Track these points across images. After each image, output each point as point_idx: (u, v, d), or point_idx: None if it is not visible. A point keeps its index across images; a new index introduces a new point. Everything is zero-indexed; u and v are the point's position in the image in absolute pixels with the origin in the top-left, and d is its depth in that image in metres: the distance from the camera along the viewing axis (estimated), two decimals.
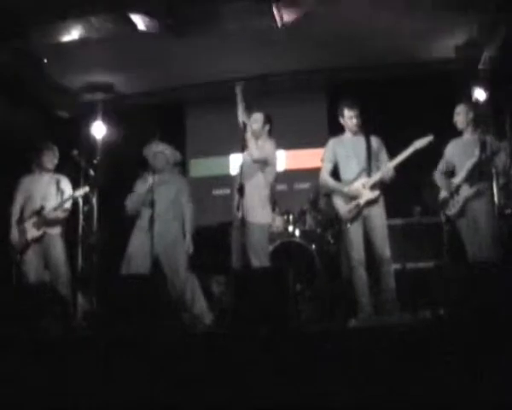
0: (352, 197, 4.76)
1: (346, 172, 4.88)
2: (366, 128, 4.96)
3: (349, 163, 4.87)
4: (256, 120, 5.09)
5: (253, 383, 2.87)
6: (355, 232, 4.75)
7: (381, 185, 4.78)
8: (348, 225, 4.76)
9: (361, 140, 4.90)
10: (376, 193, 4.74)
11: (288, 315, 3.65)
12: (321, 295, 5.84)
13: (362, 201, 4.73)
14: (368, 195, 4.72)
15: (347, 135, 4.98)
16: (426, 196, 5.90)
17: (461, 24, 6.06)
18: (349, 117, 4.88)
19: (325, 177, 4.96)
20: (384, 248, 4.69)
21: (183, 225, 5.27)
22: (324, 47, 6.63)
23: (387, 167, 4.74)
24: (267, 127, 5.12)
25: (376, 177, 4.74)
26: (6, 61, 6.13)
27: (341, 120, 4.96)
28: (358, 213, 4.75)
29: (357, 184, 4.75)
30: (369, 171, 4.77)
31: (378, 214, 4.76)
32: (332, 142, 5.03)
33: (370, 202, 4.73)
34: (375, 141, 4.91)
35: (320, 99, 7.99)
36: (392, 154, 4.95)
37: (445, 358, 2.76)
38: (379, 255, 4.69)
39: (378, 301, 4.71)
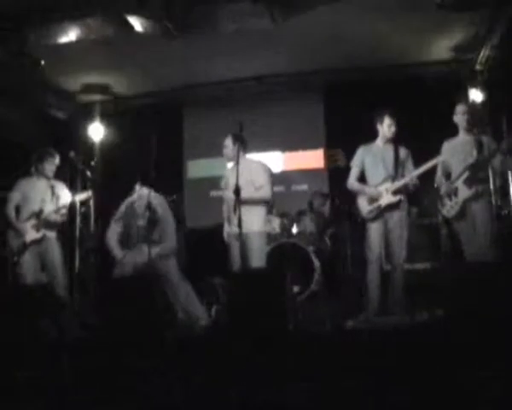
0: (374, 199, 4.95)
1: (373, 178, 5.06)
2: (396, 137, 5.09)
3: (376, 169, 5.05)
4: (226, 146, 5.15)
5: (251, 384, 2.87)
6: (375, 231, 4.95)
7: (404, 192, 4.95)
8: (369, 224, 4.96)
9: (389, 149, 5.06)
10: (397, 198, 4.90)
11: (286, 316, 3.65)
12: (318, 296, 5.84)
13: (383, 203, 4.90)
14: (389, 198, 4.91)
15: (378, 143, 5.13)
16: (425, 199, 5.92)
17: (458, 24, 6.06)
18: (388, 125, 5.04)
19: (351, 181, 5.16)
20: (399, 253, 4.88)
21: None
22: (321, 48, 6.64)
23: (411, 176, 4.92)
24: (237, 147, 5.02)
25: (400, 183, 4.92)
26: (3, 62, 6.11)
27: (378, 127, 5.09)
28: (379, 215, 4.93)
29: (381, 188, 4.95)
30: (394, 177, 4.96)
31: (398, 219, 4.93)
32: (361, 149, 5.19)
33: (391, 206, 4.91)
34: (403, 151, 5.07)
35: (317, 101, 7.99)
36: None
37: (443, 358, 2.76)
38: (393, 259, 4.90)
39: (385, 300, 4.80)
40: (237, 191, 4.54)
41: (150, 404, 2.86)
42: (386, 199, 4.92)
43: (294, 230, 6.51)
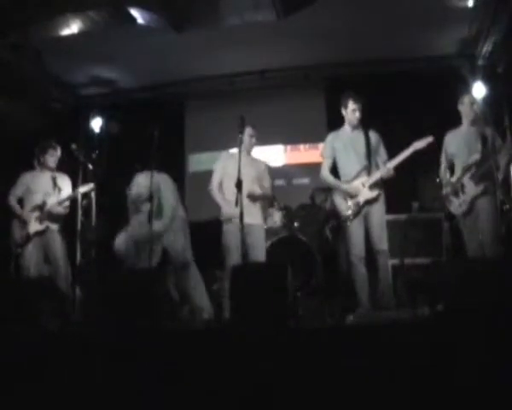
0: (351, 196, 4.79)
1: (346, 168, 4.92)
2: (365, 123, 4.98)
3: (348, 159, 4.89)
4: (252, 136, 5.17)
5: (252, 380, 2.88)
6: (355, 229, 4.78)
7: (381, 184, 4.82)
8: (348, 223, 4.80)
9: (359, 135, 4.90)
10: (375, 192, 4.78)
11: (287, 311, 3.64)
12: (319, 291, 5.84)
13: (361, 200, 4.77)
14: (367, 194, 4.77)
15: (346, 129, 5.00)
16: (427, 193, 5.90)
17: (461, 18, 6.05)
18: (352, 109, 4.90)
19: (325, 173, 4.99)
20: (381, 241, 4.74)
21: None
22: (323, 42, 6.62)
23: (387, 168, 4.78)
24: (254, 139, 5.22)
25: (376, 176, 4.78)
26: (6, 55, 6.11)
27: (343, 112, 4.97)
28: (359, 211, 4.78)
29: (357, 183, 4.80)
30: (369, 168, 4.81)
31: (378, 212, 4.80)
32: (331, 136, 5.06)
33: (370, 201, 4.77)
34: (373, 136, 4.93)
35: (319, 94, 7.97)
36: (389, 150, 4.97)
37: (444, 354, 2.76)
38: (376, 248, 4.75)
39: (375, 294, 4.75)
40: (239, 186, 4.55)
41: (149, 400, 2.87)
42: (365, 195, 4.75)
43: (296, 224, 6.49)
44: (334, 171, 5.02)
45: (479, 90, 6.38)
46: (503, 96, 6.28)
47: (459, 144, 4.96)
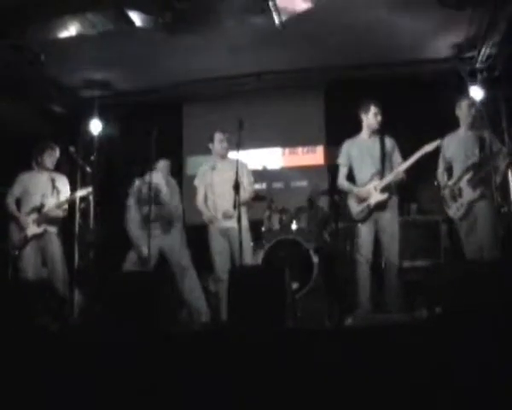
0: (362, 199, 4.86)
1: (361, 173, 5.00)
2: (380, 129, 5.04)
3: (363, 164, 4.97)
4: (221, 141, 5.35)
5: (250, 381, 2.88)
6: (365, 231, 4.87)
7: (393, 188, 4.88)
8: (359, 225, 4.88)
9: (375, 141, 4.97)
10: (385, 195, 4.82)
11: (285, 313, 3.64)
12: (317, 293, 5.84)
13: (372, 202, 4.83)
14: (377, 197, 4.83)
15: (363, 136, 5.06)
16: (425, 195, 5.92)
17: (459, 22, 6.06)
18: (374, 113, 4.96)
19: (341, 181, 5.10)
20: (392, 251, 4.79)
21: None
22: (322, 44, 6.63)
23: (397, 171, 4.83)
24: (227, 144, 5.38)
25: (386, 180, 4.83)
26: (6, 55, 6.11)
27: (363, 117, 5.02)
28: (370, 214, 4.85)
29: (369, 186, 4.87)
30: (382, 172, 4.87)
31: (389, 217, 4.86)
32: (347, 144, 5.13)
33: (381, 204, 4.83)
34: (388, 141, 4.99)
35: (317, 97, 7.99)
36: None
37: (443, 356, 2.76)
38: (386, 257, 4.82)
39: (376, 296, 4.78)
40: (237, 188, 4.56)
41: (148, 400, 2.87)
42: (375, 198, 4.82)
43: (294, 226, 6.49)
44: (350, 176, 5.11)
45: (477, 92, 6.41)
46: (501, 99, 6.31)
47: (456, 148, 4.98)
